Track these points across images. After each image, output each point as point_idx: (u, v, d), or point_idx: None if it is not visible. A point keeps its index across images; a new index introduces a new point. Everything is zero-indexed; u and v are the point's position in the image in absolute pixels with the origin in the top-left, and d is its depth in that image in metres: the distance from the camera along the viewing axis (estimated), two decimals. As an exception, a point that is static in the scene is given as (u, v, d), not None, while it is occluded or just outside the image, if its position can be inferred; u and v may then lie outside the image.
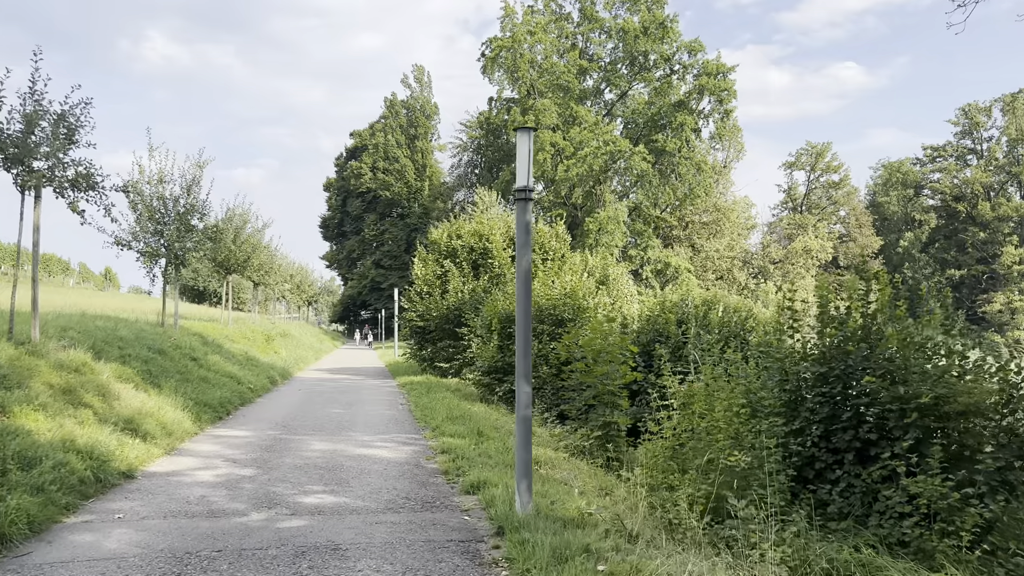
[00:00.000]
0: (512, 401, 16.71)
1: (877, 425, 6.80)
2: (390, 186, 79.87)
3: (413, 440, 10.64)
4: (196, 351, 16.31)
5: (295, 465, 8.54)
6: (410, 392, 17.77)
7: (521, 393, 6.04)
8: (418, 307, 23.40)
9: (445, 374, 22.15)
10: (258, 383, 17.32)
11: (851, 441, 6.90)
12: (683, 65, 57.04)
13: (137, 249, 17.73)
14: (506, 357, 17.00)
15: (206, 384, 13.74)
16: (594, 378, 12.06)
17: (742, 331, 15.78)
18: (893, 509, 6.40)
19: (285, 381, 20.89)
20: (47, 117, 10.36)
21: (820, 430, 7.28)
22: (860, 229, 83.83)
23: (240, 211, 26.38)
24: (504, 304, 17.98)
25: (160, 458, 8.78)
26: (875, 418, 6.81)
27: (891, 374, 7.26)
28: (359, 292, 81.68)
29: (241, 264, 26.26)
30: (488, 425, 11.96)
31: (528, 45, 57.04)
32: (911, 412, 6.45)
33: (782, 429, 7.65)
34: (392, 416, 13.54)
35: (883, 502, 6.59)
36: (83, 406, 8.76)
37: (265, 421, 12.42)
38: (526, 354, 6.04)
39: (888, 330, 7.74)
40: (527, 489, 5.92)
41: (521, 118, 56.22)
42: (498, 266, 22.46)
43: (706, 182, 56.51)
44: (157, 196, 18.07)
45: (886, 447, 6.54)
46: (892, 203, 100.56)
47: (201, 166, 18.82)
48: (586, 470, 10.22)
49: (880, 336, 7.69)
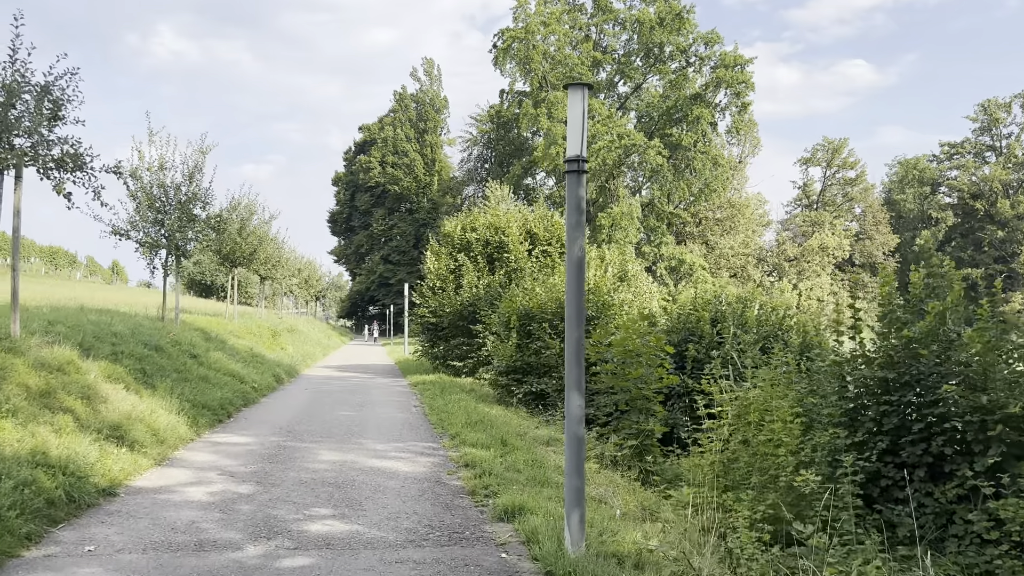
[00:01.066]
0: (533, 404, 15.67)
1: (953, 438, 5.86)
2: (399, 180, 78.87)
3: (431, 449, 9.62)
4: (197, 347, 15.34)
5: (300, 480, 7.52)
6: (423, 393, 16.77)
7: (572, 406, 5.00)
8: (430, 303, 22.38)
9: (458, 373, 21.14)
10: (263, 382, 16.35)
11: (922, 455, 6.03)
12: (699, 57, 55.81)
13: (136, 239, 16.78)
14: (525, 357, 15.98)
15: (206, 384, 12.76)
16: (627, 381, 11.04)
17: (780, 331, 14.73)
18: (975, 534, 5.57)
19: (291, 379, 19.92)
20: (29, 89, 9.37)
21: (886, 443, 6.39)
22: (877, 227, 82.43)
23: (246, 201, 25.41)
24: (523, 300, 16.95)
25: (149, 470, 7.79)
26: (951, 430, 5.93)
27: (969, 380, 6.36)
28: (367, 288, 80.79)
29: (247, 257, 25.29)
30: (511, 432, 10.93)
31: (541, 36, 55.90)
32: (995, 424, 5.57)
33: (844, 442, 6.75)
34: (406, 420, 12.53)
35: (961, 525, 5.75)
36: (62, 411, 7.77)
37: (268, 425, 11.43)
38: (578, 359, 5.00)
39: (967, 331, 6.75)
40: (579, 523, 4.88)
41: (533, 111, 55.12)
42: (515, 260, 21.42)
43: (723, 176, 55.34)
44: (157, 183, 17.11)
45: (962, 463, 5.73)
46: (908, 200, 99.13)
47: (204, 152, 17.85)
48: (623, 485, 9.19)
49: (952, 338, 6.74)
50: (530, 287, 17.17)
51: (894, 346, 7.01)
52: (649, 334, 11.22)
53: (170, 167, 17.37)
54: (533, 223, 22.58)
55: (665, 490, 9.16)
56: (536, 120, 54.62)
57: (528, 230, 22.50)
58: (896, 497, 6.36)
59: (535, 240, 22.23)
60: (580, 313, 5.03)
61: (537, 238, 22.24)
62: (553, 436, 11.66)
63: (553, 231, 22.37)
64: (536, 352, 15.92)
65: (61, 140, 9.61)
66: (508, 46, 56.74)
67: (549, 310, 16.08)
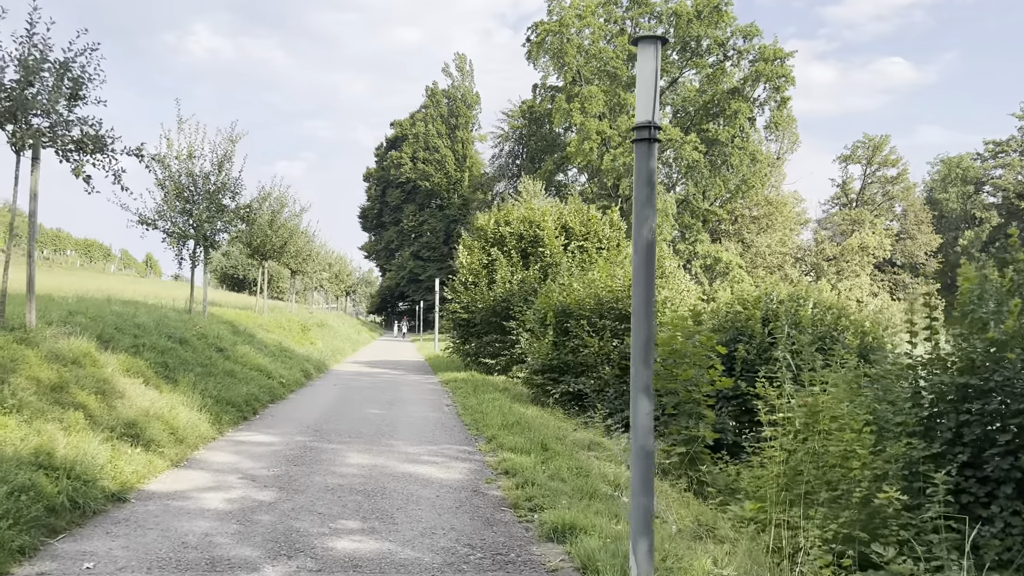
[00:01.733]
0: (570, 405, 14.94)
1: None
2: (430, 176, 78.54)
3: (466, 454, 8.95)
4: (224, 340, 14.87)
5: (326, 486, 6.90)
6: (455, 391, 16.14)
7: (640, 414, 4.28)
8: (462, 298, 21.75)
9: (491, 371, 20.49)
10: (291, 377, 15.83)
11: (1009, 470, 5.41)
12: (737, 51, 54.57)
13: (163, 229, 16.37)
14: (562, 355, 15.27)
15: (231, 379, 12.24)
16: (676, 383, 10.30)
17: (835, 331, 13.82)
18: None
19: (320, 375, 19.43)
20: (48, 66, 8.87)
21: (966, 455, 5.75)
22: (919, 226, 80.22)
23: (277, 194, 25.00)
24: (560, 296, 16.23)
25: (164, 472, 7.22)
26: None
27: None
28: (397, 283, 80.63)
29: (277, 250, 24.87)
30: (550, 435, 10.23)
31: (576, 29, 55.01)
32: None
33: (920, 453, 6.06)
34: (438, 420, 11.88)
35: (1059, 550, 5.02)
36: (74, 407, 7.23)
37: (295, 423, 10.86)
38: (647, 358, 4.28)
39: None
40: (648, 553, 4.15)
41: (566, 105, 54.31)
42: (550, 255, 20.70)
43: (761, 172, 54.03)
44: (186, 172, 16.70)
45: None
46: (951, 200, 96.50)
47: (233, 140, 17.40)
48: (674, 496, 8.46)
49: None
50: (567, 282, 16.44)
51: (975, 348, 6.27)
52: (698, 333, 10.46)
53: (199, 156, 16.95)
54: (568, 217, 21.83)
55: (722, 504, 8.42)
56: (569, 115, 53.79)
57: (563, 224, 21.76)
58: (979, 515, 5.71)
59: (570, 234, 21.48)
60: (649, 304, 4.30)
61: (572, 232, 21.49)
62: (594, 440, 10.95)
63: (589, 225, 21.60)
64: (573, 351, 15.20)
65: (81, 120, 9.10)
66: (542, 40, 55.95)
67: (587, 307, 15.35)
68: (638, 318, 4.31)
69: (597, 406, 14.00)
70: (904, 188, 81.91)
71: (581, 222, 21.62)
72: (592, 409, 14.05)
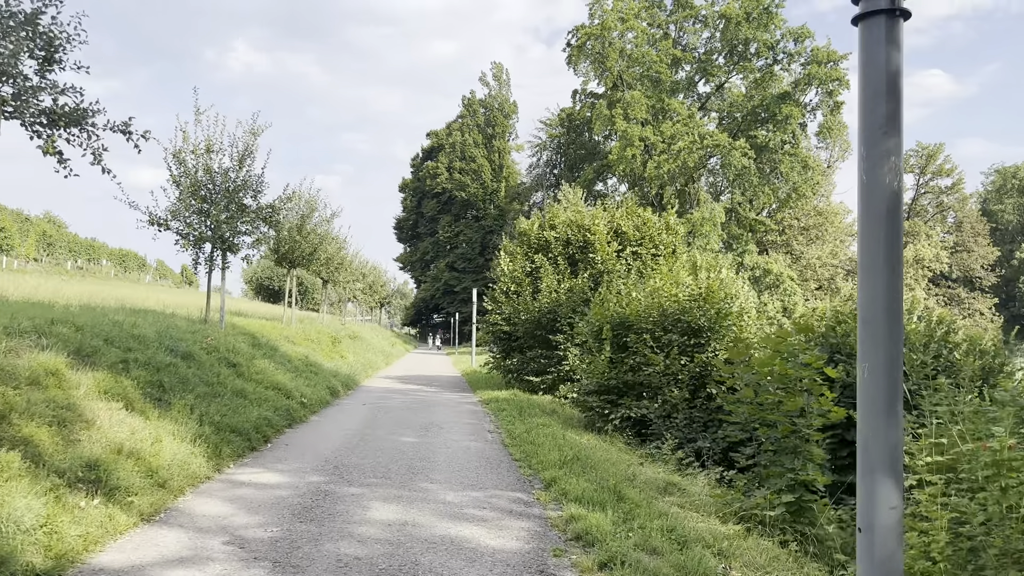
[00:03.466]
0: (630, 432, 12.97)
1: None
2: (466, 186, 77.19)
3: (522, 505, 7.03)
4: (239, 355, 13.21)
5: (337, 560, 5.06)
6: (498, 413, 14.26)
7: (878, 507, 2.32)
8: (504, 309, 19.88)
9: (535, 389, 18.57)
10: (314, 396, 14.11)
11: None
12: (788, 54, 52.08)
13: (176, 230, 14.83)
14: (620, 374, 13.31)
15: (241, 400, 10.52)
16: (773, 414, 8.33)
17: (946, 348, 11.69)
18: None
19: (348, 392, 17.70)
20: (15, 22, 7.26)
21: None
22: (976, 238, 76.59)
23: (307, 197, 23.46)
24: (617, 307, 14.30)
25: (128, 532, 5.45)
26: None
27: None
28: (432, 295, 79.21)
29: (306, 257, 23.31)
30: (619, 475, 8.30)
31: (618, 32, 53.12)
32: None
33: None
34: (481, 452, 9.99)
35: None
36: (12, 444, 5.51)
37: (311, 455, 9.06)
38: (891, 399, 2.33)
39: None
40: None
41: (607, 112, 52.40)
42: (601, 262, 18.74)
43: (813, 180, 51.41)
44: (203, 168, 15.16)
45: None
46: (1007, 211, 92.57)
47: (255, 133, 15.83)
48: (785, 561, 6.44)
49: None
50: (626, 291, 14.48)
51: None
52: (804, 351, 8.46)
53: (218, 150, 15.41)
54: (621, 220, 19.86)
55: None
56: (610, 121, 51.83)
57: (615, 230, 19.80)
58: None
59: (624, 240, 19.51)
60: (894, 311, 2.37)
61: (626, 238, 19.52)
62: (669, 480, 8.97)
63: (644, 230, 19.60)
64: (633, 369, 13.25)
65: (52, 86, 7.47)
66: (583, 44, 54.21)
67: (650, 319, 13.39)
68: (873, 334, 2.37)
69: (665, 435, 12.02)
70: (959, 199, 78.44)
71: (636, 226, 19.63)
72: (659, 438, 12.07)
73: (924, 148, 76.51)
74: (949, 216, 79.86)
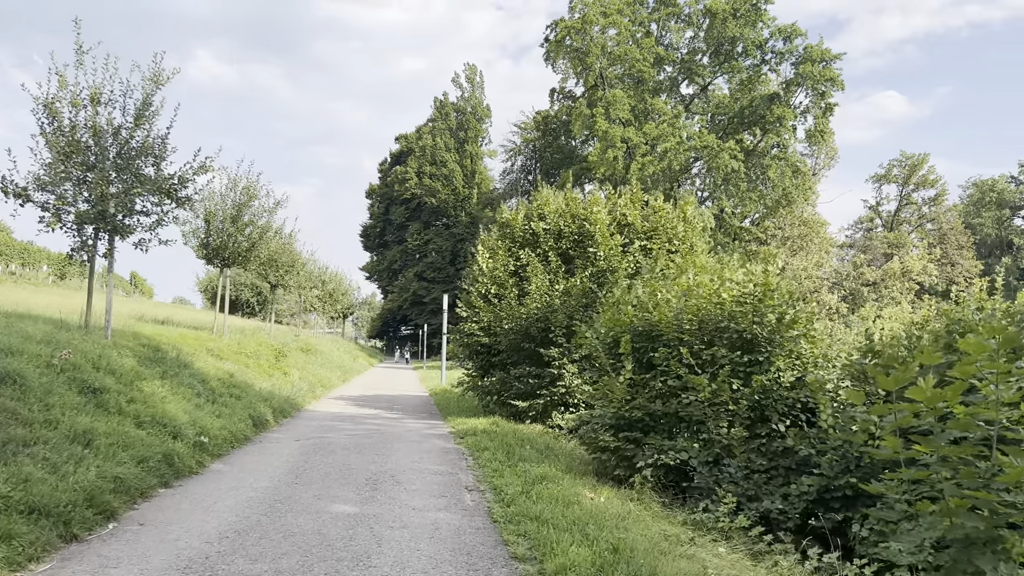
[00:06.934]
0: (664, 481, 9.33)
1: None
2: (436, 192, 73.42)
3: None
4: (116, 374, 9.38)
5: None
6: (477, 454, 10.58)
7: None
8: (482, 316, 16.14)
9: (521, 416, 14.87)
10: (223, 431, 10.24)
11: None
12: (777, 53, 49.38)
13: (40, 203, 10.94)
14: (646, 402, 9.71)
15: (79, 448, 6.70)
16: (979, 483, 4.89)
17: None
18: None
19: (282, 421, 13.83)
20: None
21: None
22: (960, 251, 74.85)
23: (245, 183, 19.56)
24: (636, 313, 10.71)
25: None
26: None
27: None
28: (400, 306, 75.19)
29: (242, 254, 19.36)
30: None
31: (600, 27, 50.02)
32: None
33: None
34: (458, 542, 6.26)
35: None
36: None
37: (167, 553, 5.29)
38: None
39: None
40: None
41: (587, 111, 49.19)
42: (603, 258, 15.15)
43: (804, 186, 48.65)
44: (86, 124, 11.31)
45: None
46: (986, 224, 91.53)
47: (157, 81, 12.00)
48: None
49: None
50: (649, 290, 10.89)
51: None
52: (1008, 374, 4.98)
53: (108, 102, 11.56)
54: (626, 208, 16.31)
55: None
56: (591, 121, 48.59)
57: (619, 221, 16.24)
58: None
59: (630, 232, 15.96)
60: None
61: (632, 229, 15.96)
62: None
63: (655, 220, 16.08)
64: (663, 395, 9.67)
65: None
66: (562, 39, 51.04)
67: (685, 328, 9.83)
68: None
69: (716, 491, 8.42)
70: (944, 210, 76.86)
71: (644, 216, 16.11)
72: (708, 496, 8.47)
73: (908, 158, 74.79)
74: (929, 225, 78.13)
